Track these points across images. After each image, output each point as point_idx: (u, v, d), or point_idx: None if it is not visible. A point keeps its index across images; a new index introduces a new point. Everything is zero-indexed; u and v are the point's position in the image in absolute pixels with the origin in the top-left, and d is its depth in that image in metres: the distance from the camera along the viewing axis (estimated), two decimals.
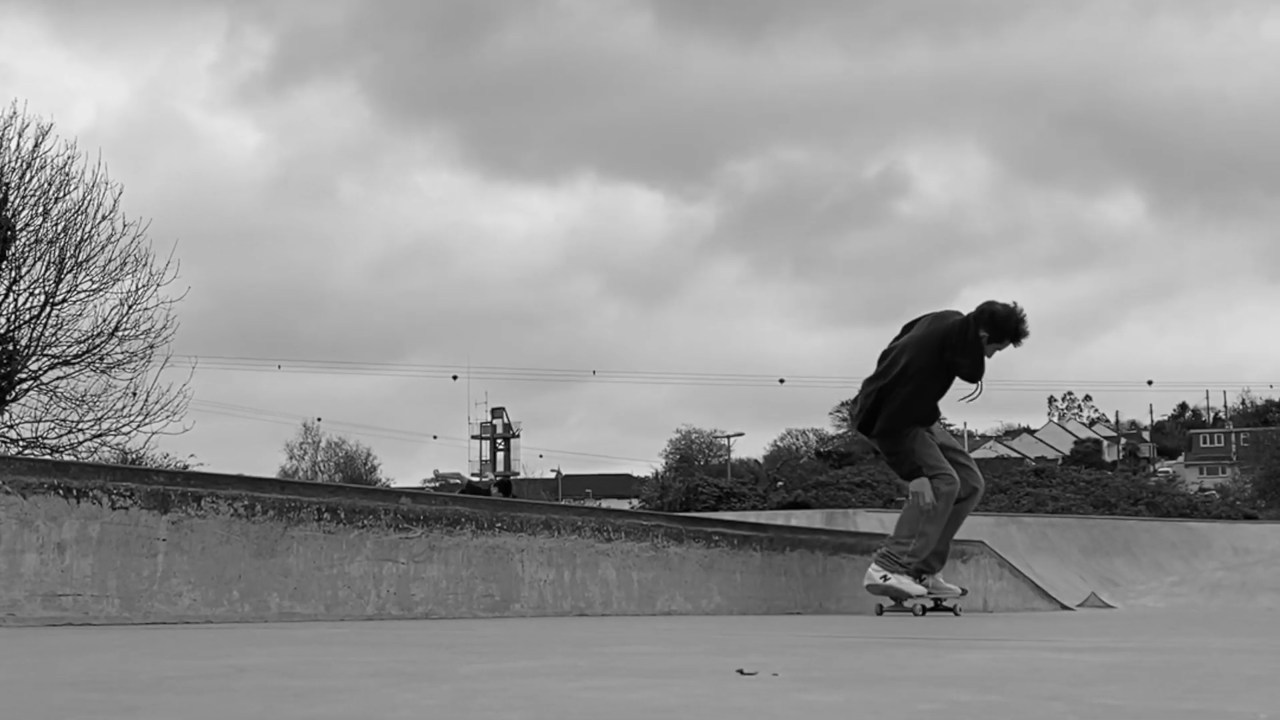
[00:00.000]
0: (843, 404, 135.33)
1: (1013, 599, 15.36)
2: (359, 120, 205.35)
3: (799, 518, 26.10)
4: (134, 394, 30.45)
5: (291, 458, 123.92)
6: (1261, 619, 11.36)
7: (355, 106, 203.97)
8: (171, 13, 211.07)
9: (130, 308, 30.36)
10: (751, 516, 27.62)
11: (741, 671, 3.72)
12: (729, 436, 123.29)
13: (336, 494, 8.80)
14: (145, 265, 30.35)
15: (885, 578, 10.75)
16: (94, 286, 30.32)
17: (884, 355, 10.86)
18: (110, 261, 30.30)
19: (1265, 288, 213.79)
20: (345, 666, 4.00)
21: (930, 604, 10.92)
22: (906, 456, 10.66)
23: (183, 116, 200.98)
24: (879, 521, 24.31)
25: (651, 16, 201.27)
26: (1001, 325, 10.47)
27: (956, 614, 10.87)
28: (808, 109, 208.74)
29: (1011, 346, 10.57)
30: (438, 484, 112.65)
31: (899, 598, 10.78)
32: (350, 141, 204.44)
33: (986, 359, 10.51)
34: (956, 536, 11.28)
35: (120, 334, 30.31)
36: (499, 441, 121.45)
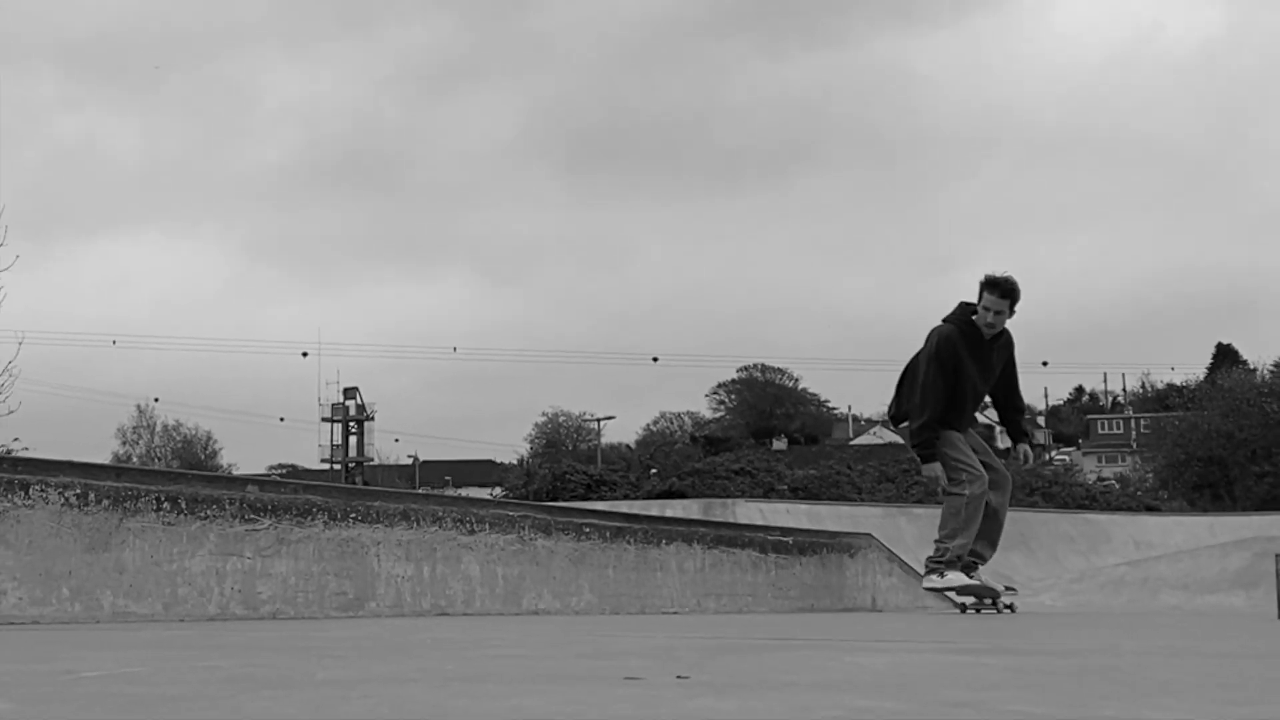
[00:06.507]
0: (719, 385, 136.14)
1: (903, 596, 15.49)
2: None
3: (675, 508, 26.19)
4: None
5: (125, 443, 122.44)
6: (1168, 619, 11.53)
7: None
8: None
9: None
10: (624, 506, 27.71)
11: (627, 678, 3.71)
12: (599, 420, 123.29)
13: (177, 481, 8.68)
14: None
15: (941, 574, 11.94)
16: None
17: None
18: None
19: None
20: (192, 672, 3.94)
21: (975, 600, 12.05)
22: (929, 451, 11.88)
23: None
24: (759, 511, 24.46)
25: None
26: (982, 286, 11.85)
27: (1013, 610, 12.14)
28: None
29: (998, 297, 11.81)
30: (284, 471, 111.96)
31: (962, 591, 11.92)
32: None
33: (989, 313, 11.81)
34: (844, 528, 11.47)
35: None
36: (351, 425, 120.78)
